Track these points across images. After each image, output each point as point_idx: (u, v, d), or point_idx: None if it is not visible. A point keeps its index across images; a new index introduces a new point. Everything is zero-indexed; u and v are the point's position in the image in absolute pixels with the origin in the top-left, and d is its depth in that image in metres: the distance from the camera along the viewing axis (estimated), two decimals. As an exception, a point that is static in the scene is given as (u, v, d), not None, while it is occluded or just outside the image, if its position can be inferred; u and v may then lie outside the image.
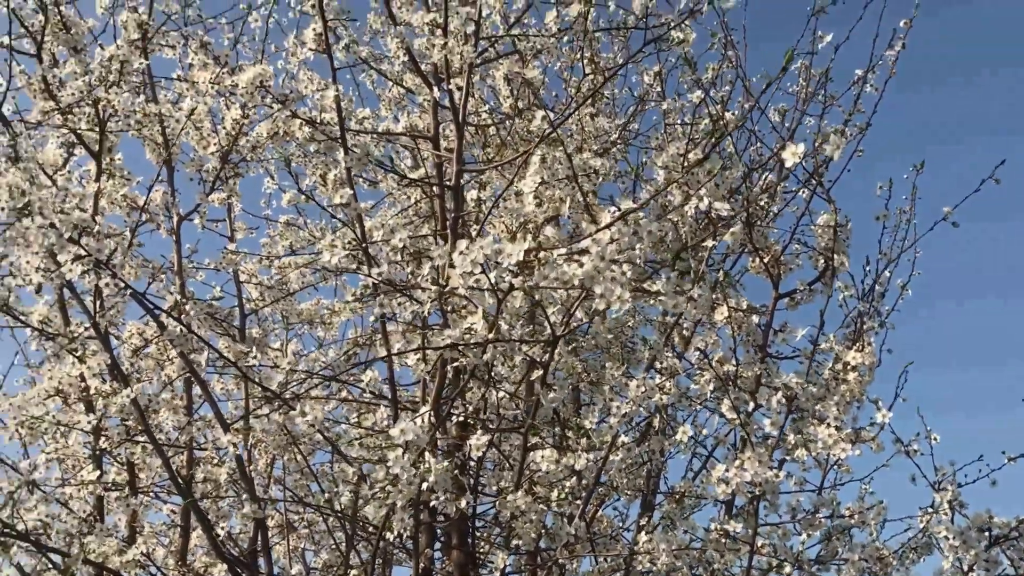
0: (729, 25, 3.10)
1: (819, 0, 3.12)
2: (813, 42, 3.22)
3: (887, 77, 3.07)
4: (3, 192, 1.90)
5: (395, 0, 3.06)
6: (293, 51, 3.10)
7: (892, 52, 3.02)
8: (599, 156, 3.29)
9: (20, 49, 2.73)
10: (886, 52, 3.01)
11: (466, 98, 2.78)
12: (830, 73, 3.12)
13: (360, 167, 2.48)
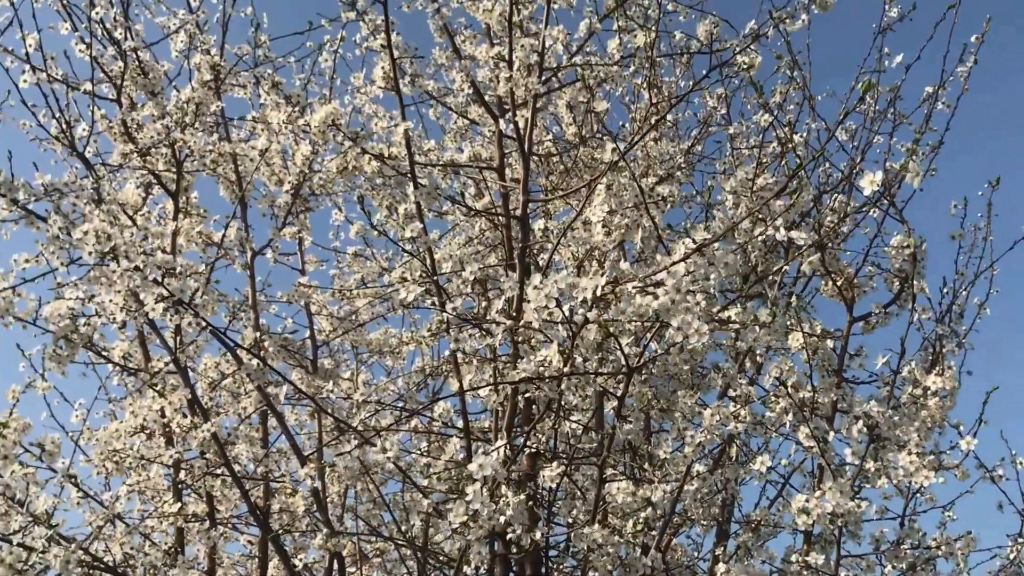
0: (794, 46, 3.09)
1: (886, 18, 3.10)
2: (880, 60, 3.18)
3: (959, 94, 3.00)
4: (90, 237, 1.97)
5: (459, 35, 3.09)
6: (362, 88, 3.17)
7: (964, 68, 2.96)
8: (664, 180, 3.28)
9: (101, 94, 2.83)
10: (957, 68, 2.96)
11: (531, 128, 2.80)
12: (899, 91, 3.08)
13: (429, 201, 2.51)
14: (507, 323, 1.91)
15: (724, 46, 2.77)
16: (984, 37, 2.99)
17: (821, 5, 2.59)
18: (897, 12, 3.06)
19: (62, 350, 2.44)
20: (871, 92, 3.27)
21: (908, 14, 3.08)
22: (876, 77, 3.24)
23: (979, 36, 2.98)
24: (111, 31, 2.83)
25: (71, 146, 2.76)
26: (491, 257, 3.23)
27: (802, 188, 2.73)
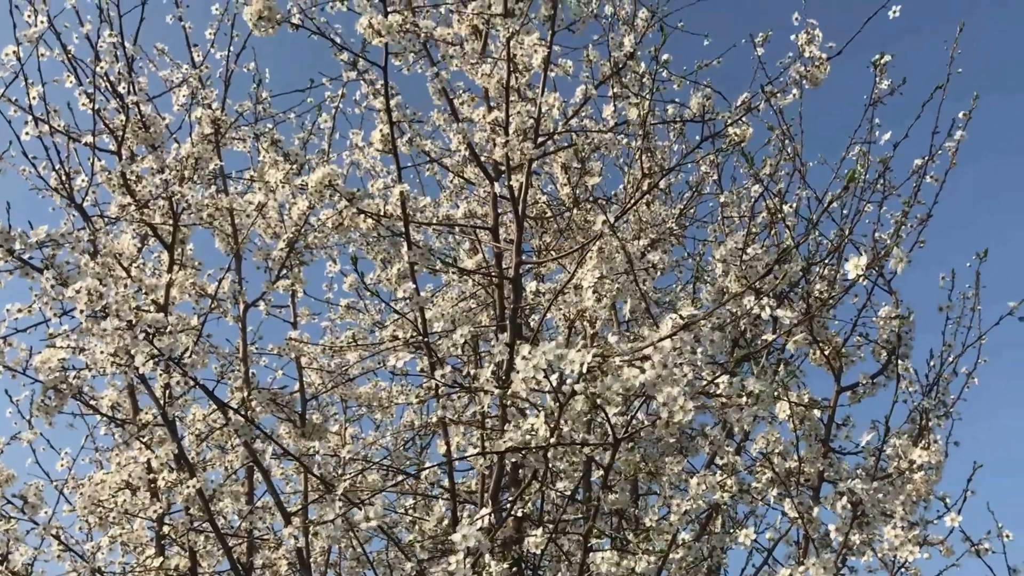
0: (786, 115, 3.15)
1: (877, 90, 3.16)
2: (871, 131, 3.24)
3: (947, 168, 3.06)
4: (83, 295, 1.98)
5: (457, 97, 3.14)
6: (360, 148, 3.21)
7: (951, 143, 3.01)
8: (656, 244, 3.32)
9: (102, 146, 2.87)
10: (945, 143, 3.01)
11: (525, 191, 2.84)
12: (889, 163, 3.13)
13: (423, 262, 2.54)
14: (496, 391, 1.92)
15: (716, 117, 2.82)
16: (971, 113, 3.06)
17: (812, 81, 2.65)
18: (888, 85, 3.11)
19: (51, 400, 2.44)
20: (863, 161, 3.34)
21: (899, 88, 3.14)
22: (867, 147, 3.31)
23: (966, 112, 3.04)
24: (115, 84, 2.87)
25: (69, 197, 2.78)
26: (483, 316, 3.25)
27: (791, 260, 2.77)
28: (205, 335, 2.79)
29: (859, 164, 3.35)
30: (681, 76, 2.94)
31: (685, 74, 3.03)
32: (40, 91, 2.72)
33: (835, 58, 2.83)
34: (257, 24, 2.43)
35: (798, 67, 2.63)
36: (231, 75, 3.24)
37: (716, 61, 3.33)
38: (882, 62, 3.10)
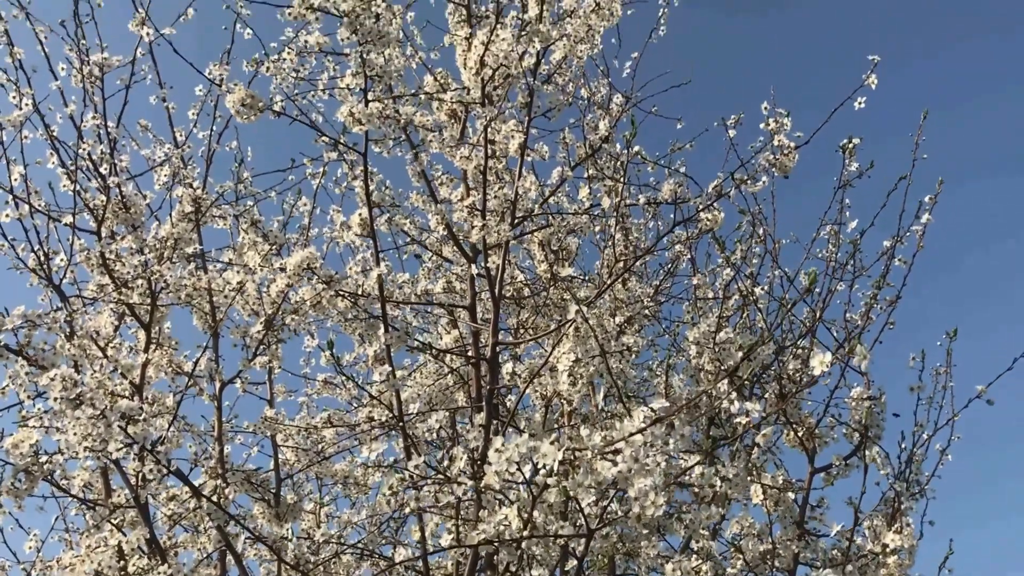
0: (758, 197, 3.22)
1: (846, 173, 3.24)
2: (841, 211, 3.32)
3: (915, 251, 3.13)
4: (57, 383, 1.99)
5: (436, 178, 3.20)
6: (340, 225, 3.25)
7: (918, 227, 3.09)
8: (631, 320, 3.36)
9: (81, 226, 2.89)
10: (912, 227, 3.09)
11: (502, 272, 2.88)
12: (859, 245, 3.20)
13: (399, 345, 2.56)
14: (470, 483, 1.93)
15: (689, 201, 2.88)
16: (936, 198, 3.14)
17: (781, 169, 2.72)
18: (856, 168, 3.20)
19: (21, 484, 2.42)
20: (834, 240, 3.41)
21: (867, 171, 3.22)
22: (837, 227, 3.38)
23: (932, 197, 3.13)
24: (97, 164, 2.90)
25: (47, 278, 2.79)
26: (459, 395, 3.26)
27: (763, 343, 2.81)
28: (180, 415, 2.78)
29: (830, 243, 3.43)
30: (654, 161, 3.01)
31: (658, 159, 3.11)
32: (22, 171, 2.75)
33: (805, 144, 2.91)
34: (240, 111, 2.48)
35: (767, 156, 2.70)
36: (213, 154, 3.29)
37: (688, 144, 3.42)
38: (850, 146, 3.19)
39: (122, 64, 2.90)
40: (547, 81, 3.05)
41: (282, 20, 2.60)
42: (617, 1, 2.90)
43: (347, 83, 2.55)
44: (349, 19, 2.47)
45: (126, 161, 3.05)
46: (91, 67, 2.85)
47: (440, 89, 3.22)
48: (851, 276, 3.22)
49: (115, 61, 2.89)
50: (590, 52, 2.98)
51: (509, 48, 2.71)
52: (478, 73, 2.82)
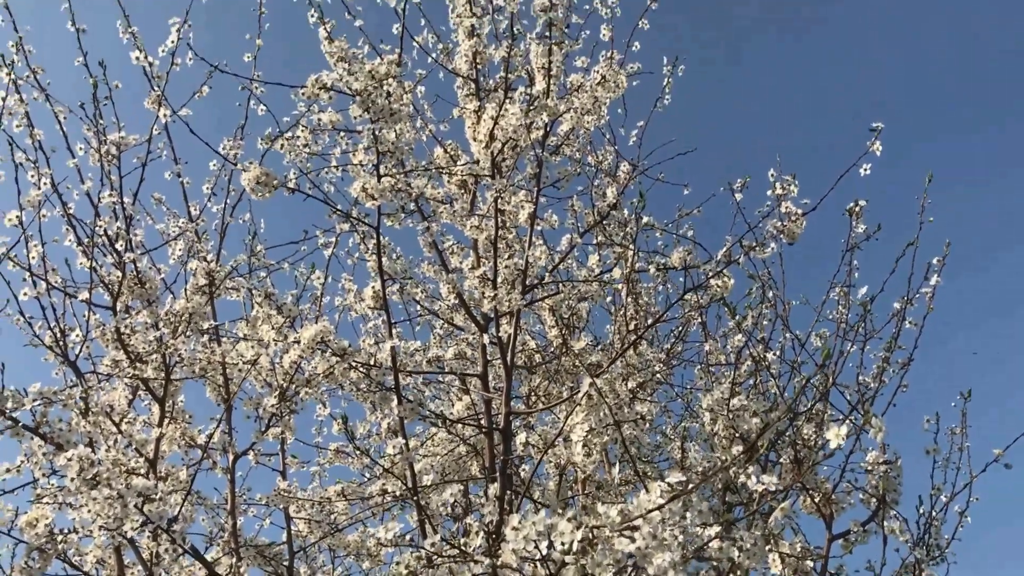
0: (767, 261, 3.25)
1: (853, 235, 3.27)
2: (849, 272, 3.34)
3: (925, 313, 3.14)
4: (74, 464, 1.99)
5: (447, 248, 3.23)
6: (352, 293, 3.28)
7: (928, 289, 3.10)
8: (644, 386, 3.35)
9: (97, 301, 2.92)
10: (922, 290, 3.10)
11: (514, 341, 2.89)
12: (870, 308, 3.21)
13: (412, 417, 2.56)
14: (487, 561, 1.91)
15: (698, 267, 2.90)
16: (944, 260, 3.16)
17: (788, 236, 2.75)
18: (864, 230, 3.22)
19: (35, 562, 2.41)
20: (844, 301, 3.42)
21: (874, 234, 3.24)
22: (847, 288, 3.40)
23: (940, 259, 3.14)
24: (112, 240, 2.94)
25: (63, 355, 2.82)
26: (473, 465, 3.25)
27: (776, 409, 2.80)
28: (194, 489, 2.78)
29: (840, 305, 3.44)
30: (663, 227, 3.04)
31: (666, 225, 3.14)
32: (40, 251, 2.80)
33: (812, 211, 2.94)
34: (255, 189, 2.52)
35: (775, 222, 2.73)
36: (227, 227, 3.33)
37: (696, 210, 3.46)
38: (857, 209, 3.22)
39: (138, 143, 2.96)
40: (555, 152, 3.11)
41: (295, 99, 2.66)
42: (622, 74, 2.96)
43: (359, 159, 2.60)
44: (361, 98, 2.53)
45: (141, 235, 3.10)
46: (108, 146, 2.91)
47: (450, 160, 3.27)
48: (862, 338, 3.23)
49: (132, 140, 2.95)
50: (597, 123, 3.03)
51: (518, 122, 2.76)
52: (488, 146, 2.87)
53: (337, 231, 3.21)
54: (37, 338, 2.81)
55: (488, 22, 3.23)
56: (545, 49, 2.89)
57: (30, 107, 2.89)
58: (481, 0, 3.22)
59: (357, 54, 2.82)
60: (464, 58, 3.24)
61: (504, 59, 2.90)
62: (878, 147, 2.83)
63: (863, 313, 3.23)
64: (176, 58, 2.96)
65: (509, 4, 2.95)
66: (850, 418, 3.14)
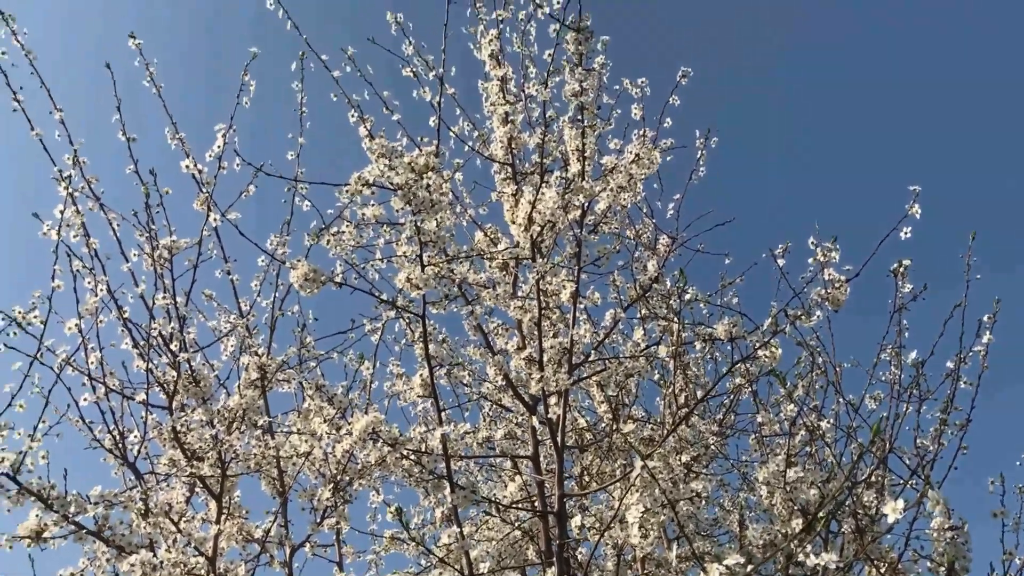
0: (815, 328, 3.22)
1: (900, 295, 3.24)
2: (899, 333, 3.31)
3: (980, 371, 3.08)
4: (137, 570, 2.02)
5: (491, 331, 3.26)
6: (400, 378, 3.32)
7: (980, 347, 3.05)
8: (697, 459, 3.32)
9: (153, 401, 2.99)
10: (974, 348, 3.05)
11: (563, 422, 2.89)
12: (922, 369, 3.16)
13: (466, 504, 2.56)
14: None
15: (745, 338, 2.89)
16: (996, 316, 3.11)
17: (833, 303, 2.73)
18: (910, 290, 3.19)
19: (99, 667, 2.44)
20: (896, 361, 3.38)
21: (921, 293, 3.21)
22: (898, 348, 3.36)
23: (991, 315, 3.10)
24: (167, 341, 3.02)
25: (123, 457, 2.88)
26: (529, 549, 3.22)
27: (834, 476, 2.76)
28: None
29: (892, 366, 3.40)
30: (706, 299, 3.04)
31: (709, 295, 3.14)
32: (98, 355, 2.88)
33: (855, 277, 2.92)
34: (303, 286, 2.58)
35: (819, 290, 2.72)
36: (276, 320, 3.41)
37: (739, 278, 3.46)
38: (901, 269, 3.19)
39: (189, 245, 3.06)
40: (594, 230, 3.15)
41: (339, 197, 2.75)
42: (656, 151, 3.01)
43: (403, 251, 2.66)
44: (403, 191, 2.60)
45: (194, 333, 3.18)
46: (161, 250, 3.01)
47: (491, 244, 3.33)
48: (917, 400, 3.18)
49: (183, 243, 3.05)
50: (633, 199, 3.07)
51: (555, 205, 2.81)
52: (527, 229, 2.92)
53: (383, 319, 3.26)
54: (97, 441, 2.88)
55: (521, 109, 3.31)
56: (578, 132, 2.95)
57: (85, 216, 3.01)
58: (513, 88, 3.31)
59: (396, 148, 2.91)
60: (500, 144, 3.33)
61: (539, 145, 2.97)
62: (917, 210, 2.82)
63: (916, 374, 3.19)
64: (223, 162, 3.07)
65: (541, 93, 3.02)
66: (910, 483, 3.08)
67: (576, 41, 2.95)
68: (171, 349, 3.00)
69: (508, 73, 3.28)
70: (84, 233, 2.97)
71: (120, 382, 2.99)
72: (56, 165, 2.95)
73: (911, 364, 3.23)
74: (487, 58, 3.35)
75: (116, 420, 2.91)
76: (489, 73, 3.33)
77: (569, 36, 2.97)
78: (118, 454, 2.88)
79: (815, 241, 2.95)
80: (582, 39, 2.96)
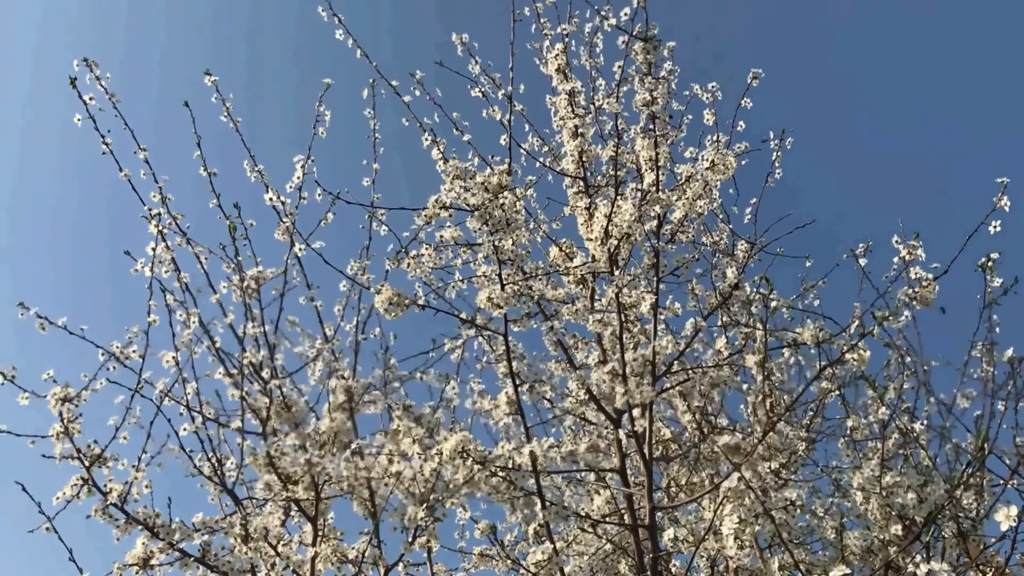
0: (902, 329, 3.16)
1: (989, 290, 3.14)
2: (990, 328, 3.21)
3: (1083, 366, 2.97)
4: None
5: (572, 346, 3.27)
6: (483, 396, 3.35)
7: (1082, 341, 2.95)
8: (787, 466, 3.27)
9: (248, 428, 3.08)
10: (1077, 343, 2.95)
11: (650, 434, 2.88)
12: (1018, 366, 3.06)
13: (557, 521, 2.58)
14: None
15: (831, 342, 2.85)
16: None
17: (922, 301, 2.67)
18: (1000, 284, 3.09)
19: None
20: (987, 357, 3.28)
21: (1012, 287, 3.11)
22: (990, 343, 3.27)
23: (1090, 307, 2.99)
24: (258, 368, 3.11)
25: (222, 483, 2.97)
26: (622, 564, 3.21)
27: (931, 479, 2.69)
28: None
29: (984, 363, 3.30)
30: (789, 304, 3.00)
31: (792, 300, 3.10)
32: (195, 386, 2.98)
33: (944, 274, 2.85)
34: (388, 309, 2.63)
35: (906, 289, 2.66)
36: (359, 343, 3.47)
37: (821, 281, 3.41)
38: (989, 264, 3.10)
39: (275, 275, 3.15)
40: (671, 240, 3.13)
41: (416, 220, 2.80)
42: (730, 155, 2.99)
43: (482, 271, 2.69)
44: (479, 212, 2.63)
45: (281, 359, 3.26)
46: (248, 281, 3.10)
47: (566, 258, 3.34)
48: (1014, 397, 3.08)
49: (268, 273, 3.14)
50: (709, 206, 3.05)
51: (632, 218, 2.81)
52: (603, 243, 2.93)
53: (464, 337, 3.29)
54: (197, 469, 2.98)
55: (591, 121, 3.32)
56: (651, 142, 2.95)
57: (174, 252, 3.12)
58: (582, 101, 3.33)
59: (470, 169, 2.95)
60: (571, 158, 3.34)
61: (611, 157, 2.97)
62: (1006, 202, 2.74)
63: (1011, 371, 3.09)
64: (303, 192, 3.15)
65: (611, 105, 3.03)
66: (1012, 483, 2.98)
67: (644, 51, 2.95)
68: (262, 376, 3.08)
69: (576, 86, 3.30)
70: (175, 268, 3.08)
71: (215, 411, 3.08)
72: (145, 204, 3.07)
73: (1006, 360, 3.14)
74: (554, 73, 3.37)
75: (214, 448, 3.00)
76: (557, 88, 3.35)
77: (637, 46, 2.97)
78: (217, 481, 2.98)
79: (899, 239, 2.89)
80: (650, 48, 2.96)
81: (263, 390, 3.06)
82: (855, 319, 2.94)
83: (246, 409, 3.07)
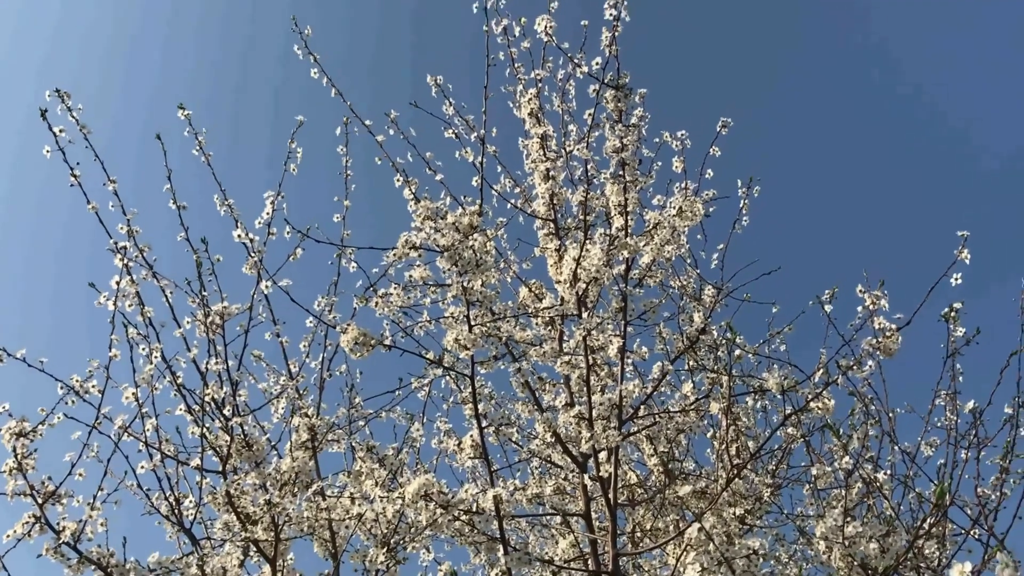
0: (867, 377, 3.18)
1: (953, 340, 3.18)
2: (953, 378, 3.25)
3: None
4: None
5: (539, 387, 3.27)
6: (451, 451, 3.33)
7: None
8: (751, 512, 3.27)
9: (207, 466, 3.02)
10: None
11: (615, 480, 2.87)
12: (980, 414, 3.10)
13: (520, 566, 2.55)
14: None
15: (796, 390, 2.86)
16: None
17: (885, 352, 2.70)
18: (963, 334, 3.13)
19: None
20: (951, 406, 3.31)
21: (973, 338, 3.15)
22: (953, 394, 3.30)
23: (1049, 360, 3.03)
24: (220, 405, 3.06)
25: (179, 522, 2.91)
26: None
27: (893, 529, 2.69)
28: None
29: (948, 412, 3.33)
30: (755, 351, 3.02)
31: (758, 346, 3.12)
32: (154, 422, 2.93)
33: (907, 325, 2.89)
34: (354, 349, 2.61)
35: (870, 340, 2.69)
36: (324, 381, 3.44)
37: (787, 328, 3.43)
38: (952, 314, 3.15)
39: (241, 311, 3.11)
40: (639, 284, 3.15)
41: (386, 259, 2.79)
42: (698, 202, 3.02)
43: (451, 312, 2.68)
44: (449, 252, 2.63)
45: (245, 396, 3.22)
46: (213, 316, 3.06)
47: (535, 299, 3.34)
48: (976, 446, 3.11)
49: (234, 309, 3.11)
50: (677, 251, 3.08)
51: (600, 262, 2.82)
52: (572, 286, 2.93)
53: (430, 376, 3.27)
54: (154, 507, 2.92)
55: (562, 165, 3.35)
56: (620, 188, 2.97)
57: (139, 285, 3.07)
58: (554, 145, 3.35)
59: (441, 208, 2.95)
60: (542, 200, 3.36)
61: (582, 202, 2.99)
62: (966, 255, 2.78)
63: (974, 420, 3.13)
64: (271, 228, 3.14)
65: (582, 152, 3.06)
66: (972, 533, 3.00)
67: (615, 98, 2.99)
68: (224, 413, 3.04)
69: (548, 131, 3.32)
70: (139, 302, 3.03)
71: (175, 447, 3.03)
72: (112, 237, 3.03)
73: (969, 411, 3.17)
74: (527, 116, 3.39)
75: (172, 486, 2.94)
76: (529, 131, 3.38)
77: (608, 94, 3.00)
78: (174, 520, 2.92)
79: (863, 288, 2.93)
80: (621, 96, 3.00)
81: (224, 427, 3.01)
82: (820, 367, 2.96)
83: (206, 447, 3.01)
